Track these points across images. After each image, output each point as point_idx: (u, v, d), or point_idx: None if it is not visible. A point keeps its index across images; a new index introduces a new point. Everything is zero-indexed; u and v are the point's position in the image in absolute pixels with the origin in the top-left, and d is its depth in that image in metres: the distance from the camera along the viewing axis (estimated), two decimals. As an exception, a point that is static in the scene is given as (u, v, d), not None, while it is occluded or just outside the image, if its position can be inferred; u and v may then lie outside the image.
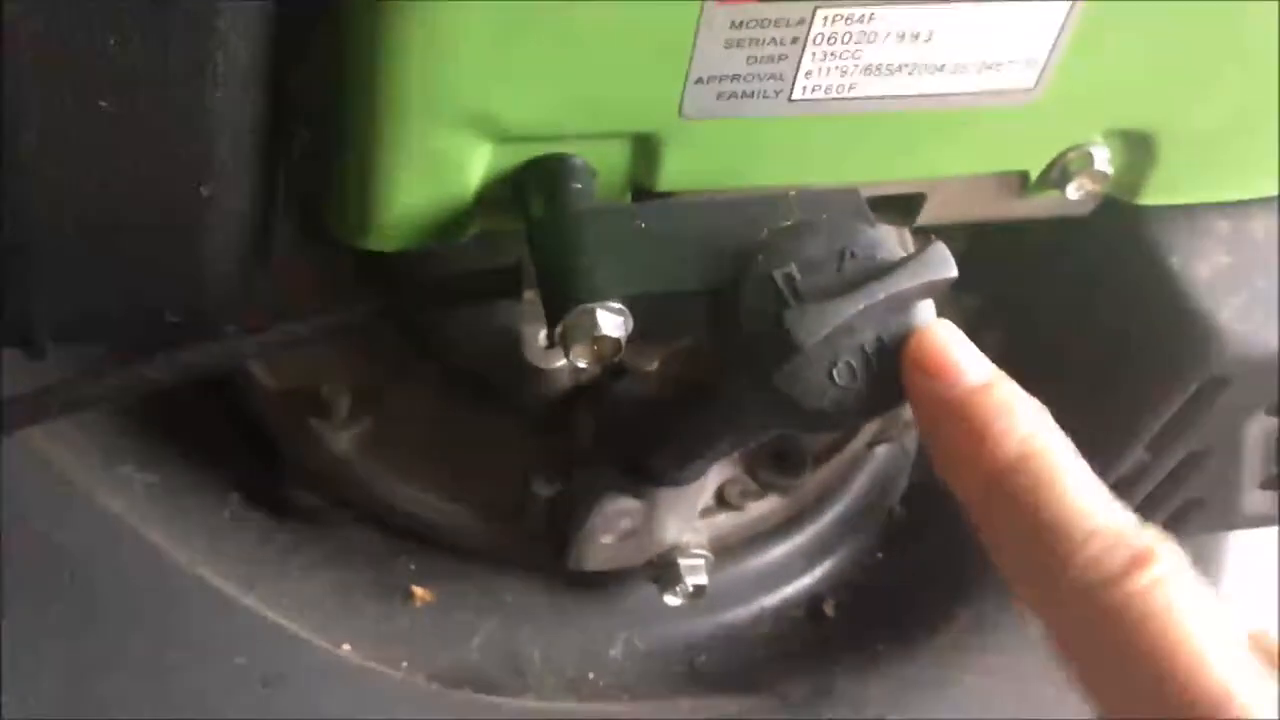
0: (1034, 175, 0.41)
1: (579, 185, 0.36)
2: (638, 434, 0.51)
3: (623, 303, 0.34)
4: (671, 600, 0.55)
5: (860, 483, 0.64)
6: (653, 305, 0.35)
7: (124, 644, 0.43)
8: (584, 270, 0.34)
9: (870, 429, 0.60)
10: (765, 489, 0.58)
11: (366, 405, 0.54)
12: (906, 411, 0.36)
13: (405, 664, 0.53)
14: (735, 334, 0.34)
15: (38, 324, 0.37)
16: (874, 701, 0.53)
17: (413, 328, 0.54)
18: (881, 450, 0.65)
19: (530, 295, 0.38)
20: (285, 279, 0.44)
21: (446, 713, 0.49)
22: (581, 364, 0.34)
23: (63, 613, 0.43)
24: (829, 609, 0.60)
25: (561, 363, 0.52)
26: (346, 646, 0.52)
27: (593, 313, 0.33)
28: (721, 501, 0.57)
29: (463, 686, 0.52)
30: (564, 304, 0.33)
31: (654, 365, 0.51)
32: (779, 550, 0.61)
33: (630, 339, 0.34)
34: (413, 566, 0.56)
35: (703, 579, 0.54)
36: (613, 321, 0.34)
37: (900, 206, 0.42)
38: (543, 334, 0.53)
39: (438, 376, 0.55)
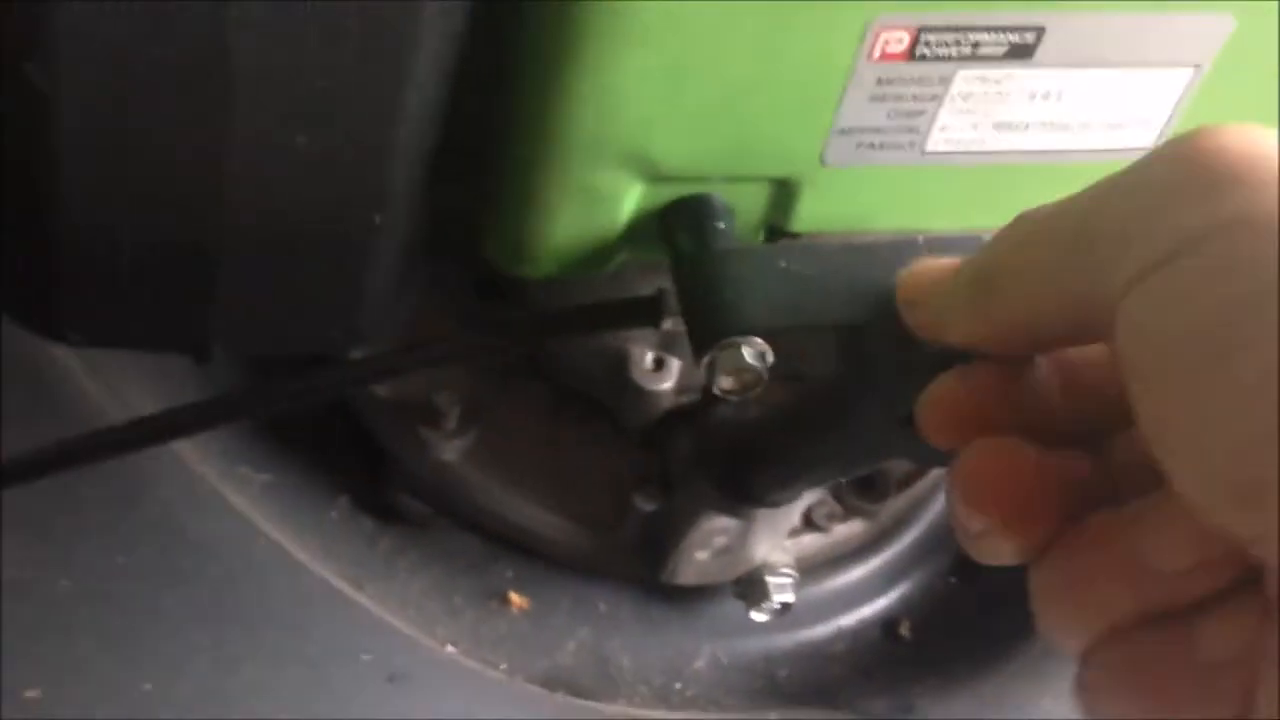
0: (1142, 227, 0.43)
1: (722, 225, 0.38)
2: (735, 456, 0.54)
3: (764, 337, 0.36)
4: (758, 616, 0.57)
5: (936, 508, 0.66)
6: (790, 340, 0.37)
7: (261, 635, 0.46)
8: (731, 306, 0.36)
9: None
10: (850, 512, 0.60)
11: (474, 416, 0.57)
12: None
13: (504, 666, 0.55)
14: (870, 370, 0.36)
15: (212, 333, 0.40)
16: (952, 721, 0.55)
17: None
18: (957, 478, 0.67)
19: (669, 325, 0.40)
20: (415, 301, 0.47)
21: (551, 715, 0.51)
22: (723, 393, 0.37)
23: (204, 602, 0.46)
24: (905, 630, 0.62)
25: (667, 385, 0.54)
26: (450, 648, 0.54)
27: (738, 346, 0.36)
28: (808, 523, 0.60)
29: (558, 690, 0.55)
30: (712, 337, 0.36)
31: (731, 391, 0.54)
32: (858, 571, 0.63)
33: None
34: (510, 573, 0.58)
35: (790, 597, 0.57)
36: (757, 355, 0.36)
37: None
38: (650, 356, 0.56)
39: (542, 391, 0.58)
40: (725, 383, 0.37)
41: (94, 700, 0.42)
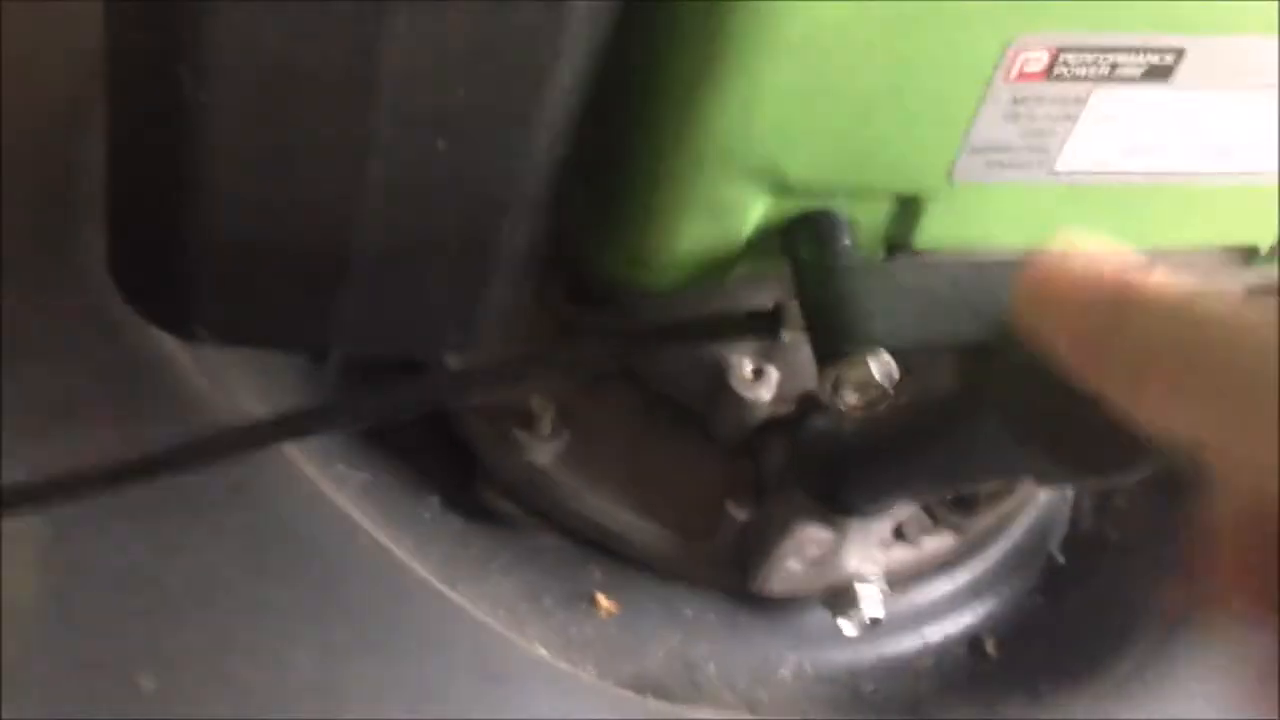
0: (1263, 249, 0.43)
1: (847, 240, 0.38)
2: (830, 467, 0.54)
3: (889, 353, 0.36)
4: (847, 628, 0.57)
5: (1023, 525, 0.65)
6: (912, 357, 0.37)
7: (364, 632, 0.46)
8: (857, 322, 0.36)
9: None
10: (940, 526, 0.60)
11: (567, 420, 0.57)
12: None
13: (592, 669, 0.55)
14: (992, 390, 0.36)
15: (332, 335, 0.40)
16: (1042, 741, 0.55)
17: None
18: (1044, 495, 0.67)
19: (787, 337, 0.40)
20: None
21: (641, 718, 0.51)
22: (848, 408, 0.37)
23: (308, 597, 0.46)
24: (990, 647, 0.62)
25: (766, 394, 0.54)
26: (540, 649, 0.54)
27: (865, 362, 0.36)
28: (898, 536, 0.59)
29: (645, 695, 0.55)
30: (838, 353, 0.36)
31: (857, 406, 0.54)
32: (944, 586, 0.63)
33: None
34: (599, 576, 0.59)
35: (879, 610, 0.56)
36: (883, 372, 0.36)
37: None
38: (749, 366, 0.56)
39: (636, 397, 0.58)
40: (850, 398, 0.37)
41: (207, 690, 0.43)
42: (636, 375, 0.58)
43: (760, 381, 0.55)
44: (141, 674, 0.43)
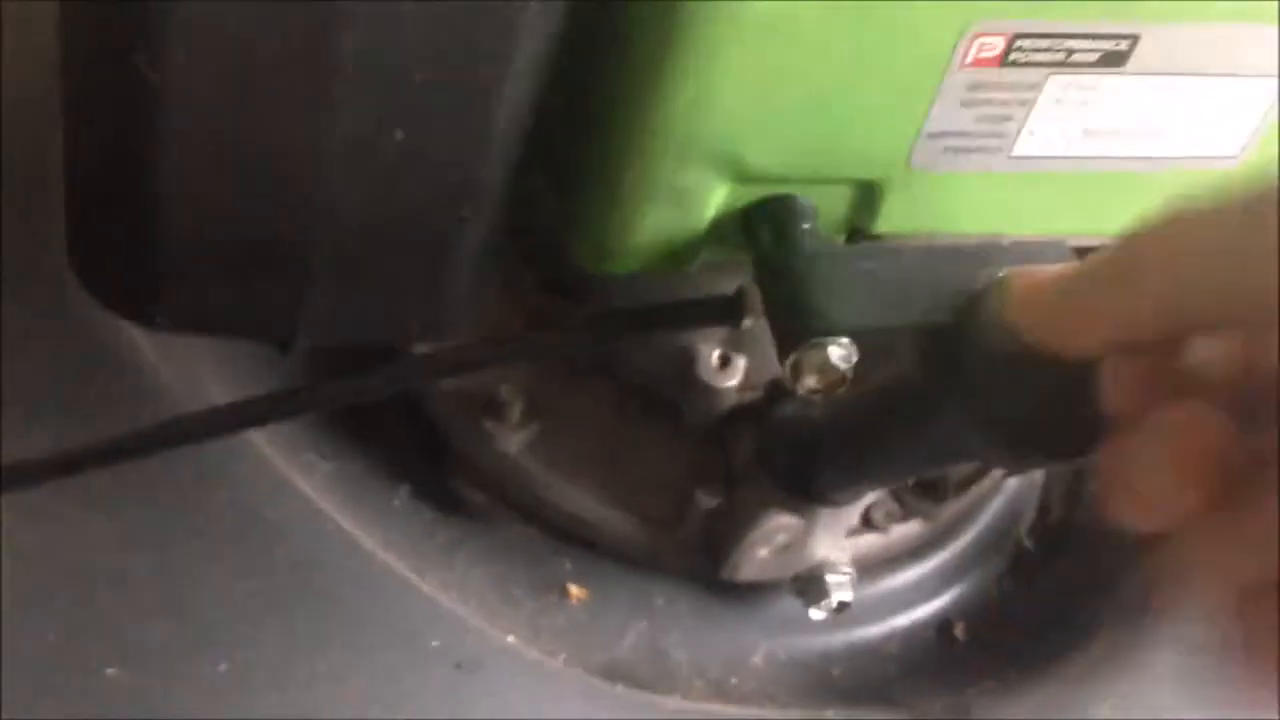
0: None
1: (807, 226, 0.38)
2: (800, 454, 0.54)
3: (849, 337, 0.37)
4: (816, 614, 0.57)
5: (992, 511, 0.66)
6: (872, 340, 0.37)
7: (333, 621, 0.46)
8: (818, 306, 0.36)
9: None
10: (909, 513, 0.60)
11: (537, 409, 0.57)
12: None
13: (563, 657, 0.56)
14: (955, 372, 0.36)
15: (296, 324, 0.40)
16: (1012, 725, 0.55)
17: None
18: (1012, 481, 0.67)
19: (749, 323, 0.41)
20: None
21: (613, 706, 0.51)
22: (808, 392, 0.37)
23: (276, 586, 0.46)
24: (959, 632, 0.62)
25: (732, 382, 0.55)
26: (510, 638, 0.54)
27: (824, 347, 0.36)
28: (867, 522, 0.60)
29: (616, 683, 0.55)
30: (799, 337, 0.36)
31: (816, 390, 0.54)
32: (913, 572, 0.63)
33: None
34: (569, 566, 0.59)
35: (848, 595, 0.57)
36: (842, 355, 0.36)
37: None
38: (716, 354, 0.56)
39: (605, 386, 0.58)
40: (810, 382, 0.37)
41: (172, 679, 0.43)
42: (606, 365, 0.58)
43: (727, 369, 0.55)
44: (108, 666, 0.43)
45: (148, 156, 0.34)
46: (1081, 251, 0.43)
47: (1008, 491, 0.67)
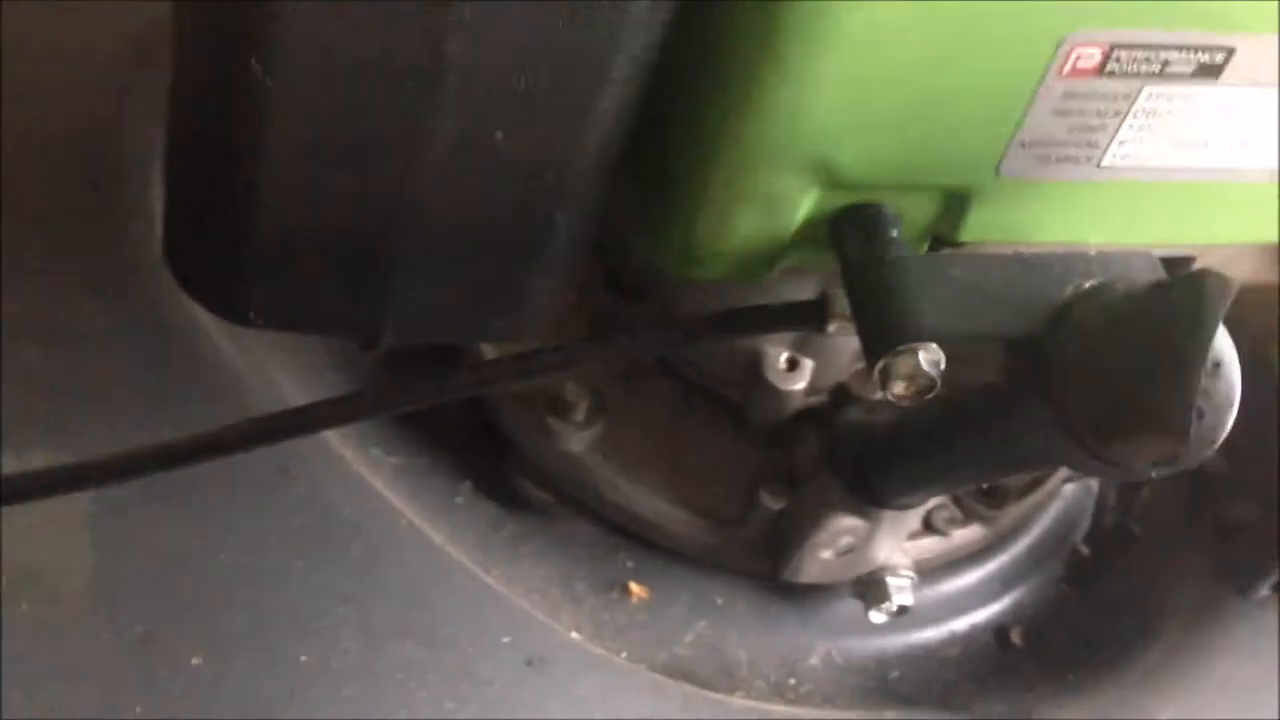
0: (1305, 247, 0.43)
1: (894, 233, 0.39)
2: (866, 458, 0.54)
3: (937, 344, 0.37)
4: (876, 617, 0.57)
5: (1050, 517, 0.66)
6: (959, 348, 0.38)
7: (406, 615, 0.47)
8: (906, 313, 0.37)
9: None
10: (969, 517, 0.61)
11: (601, 408, 0.58)
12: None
13: (624, 655, 0.56)
14: (1042, 380, 0.37)
15: (384, 322, 0.41)
16: (1072, 729, 0.56)
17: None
18: (1070, 488, 0.67)
19: (833, 328, 0.41)
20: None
21: (678, 704, 0.52)
22: (896, 398, 0.37)
23: (351, 580, 0.47)
24: (1016, 636, 0.62)
25: (800, 385, 0.55)
26: (575, 634, 0.55)
27: (915, 353, 0.36)
28: (928, 526, 0.60)
29: (678, 680, 0.56)
30: (889, 344, 0.36)
31: (880, 395, 0.54)
32: (971, 576, 0.63)
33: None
34: (631, 564, 0.59)
35: (909, 599, 0.57)
36: (931, 361, 0.36)
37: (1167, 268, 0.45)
38: (784, 356, 0.57)
39: (670, 386, 0.58)
40: (899, 388, 0.37)
41: (254, 670, 0.43)
42: (671, 365, 0.59)
43: (795, 372, 0.56)
44: (193, 656, 0.43)
45: (252, 155, 0.35)
46: (1168, 263, 0.43)
47: (1065, 497, 0.67)
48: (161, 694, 0.41)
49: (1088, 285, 0.37)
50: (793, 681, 0.59)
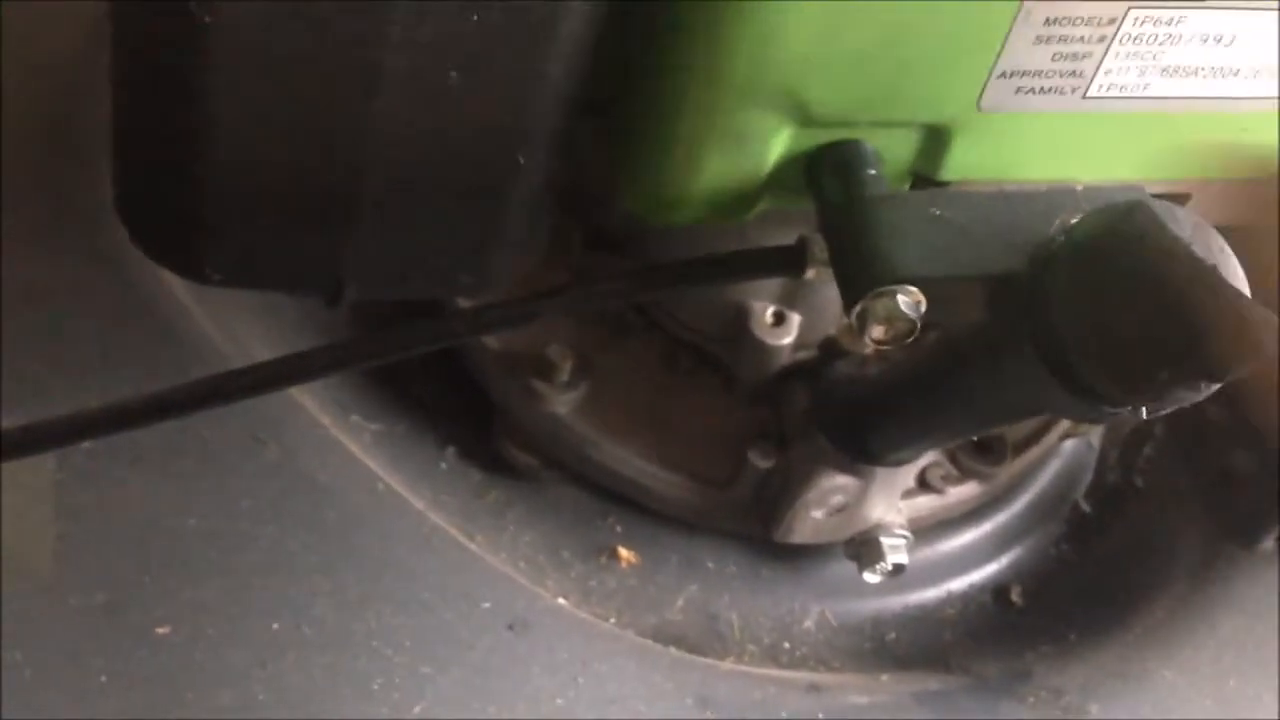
0: (1304, 180, 0.41)
1: (873, 171, 0.37)
2: (856, 413, 0.53)
3: (916, 286, 0.35)
4: (871, 577, 0.56)
5: (1049, 474, 0.65)
6: (941, 289, 0.36)
7: (382, 581, 0.46)
8: (884, 254, 0.35)
9: (1065, 423, 0.61)
10: (965, 475, 0.59)
11: (586, 369, 0.56)
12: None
13: (614, 620, 0.55)
14: (1027, 319, 0.35)
15: (347, 274, 0.40)
16: (1071, 689, 0.54)
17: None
18: (1070, 444, 0.66)
19: (811, 273, 0.39)
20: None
21: (667, 669, 0.51)
22: (874, 342, 0.36)
23: (325, 546, 0.46)
24: (1016, 596, 0.61)
25: (787, 340, 0.53)
26: (562, 600, 0.54)
27: (893, 295, 0.35)
28: (923, 484, 0.58)
29: (668, 645, 0.54)
30: (865, 286, 0.35)
31: (870, 348, 0.53)
32: (969, 535, 0.62)
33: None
34: (619, 528, 0.58)
35: (903, 558, 0.56)
36: (910, 303, 0.35)
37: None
38: (770, 310, 0.55)
39: (655, 345, 0.57)
40: (877, 332, 0.36)
41: (223, 638, 0.42)
42: (655, 323, 0.57)
43: (781, 327, 0.54)
44: (159, 625, 0.42)
45: (198, 101, 0.33)
46: (1159, 198, 0.41)
47: (1065, 454, 0.65)
48: (127, 664, 0.40)
49: (1074, 221, 0.36)
50: (787, 645, 0.58)
